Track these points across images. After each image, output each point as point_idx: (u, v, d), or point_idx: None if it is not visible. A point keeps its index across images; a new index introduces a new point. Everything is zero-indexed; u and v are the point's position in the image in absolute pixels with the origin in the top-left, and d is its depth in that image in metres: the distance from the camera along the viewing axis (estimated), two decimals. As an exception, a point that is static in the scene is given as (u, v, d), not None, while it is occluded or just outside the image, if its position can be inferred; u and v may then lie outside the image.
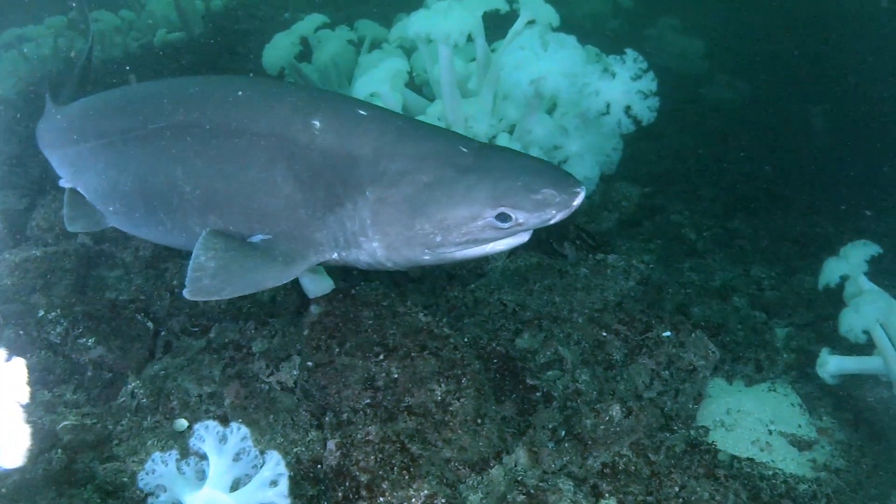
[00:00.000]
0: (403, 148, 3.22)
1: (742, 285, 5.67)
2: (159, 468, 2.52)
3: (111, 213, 4.04)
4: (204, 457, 2.57)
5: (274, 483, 2.55)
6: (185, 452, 2.60)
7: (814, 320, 5.28)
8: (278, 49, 6.02)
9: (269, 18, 8.70)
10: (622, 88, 4.05)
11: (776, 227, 6.88)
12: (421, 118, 4.69)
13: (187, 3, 8.70)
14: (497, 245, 3.25)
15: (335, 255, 3.40)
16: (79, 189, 4.24)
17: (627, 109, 4.10)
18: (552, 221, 3.15)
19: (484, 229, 3.14)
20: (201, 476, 2.56)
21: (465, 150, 3.23)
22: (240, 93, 3.50)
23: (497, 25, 5.04)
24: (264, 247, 3.37)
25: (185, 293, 3.20)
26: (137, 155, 3.70)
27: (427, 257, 3.27)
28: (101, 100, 4.18)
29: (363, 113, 3.36)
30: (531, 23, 4.60)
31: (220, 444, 2.55)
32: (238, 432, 2.56)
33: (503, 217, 3.09)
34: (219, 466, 2.54)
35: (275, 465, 2.56)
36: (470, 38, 4.63)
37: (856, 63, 10.54)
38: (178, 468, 2.54)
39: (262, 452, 2.61)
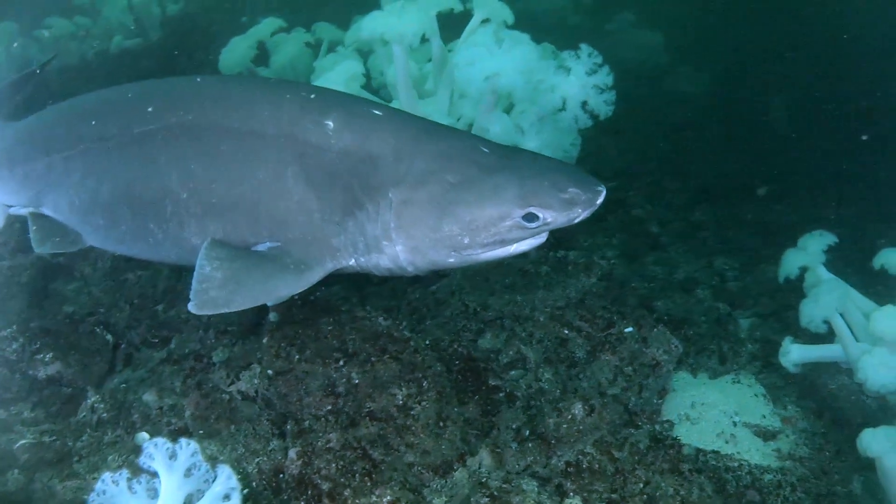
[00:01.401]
0: (425, 148, 3.14)
1: (705, 277, 5.71)
2: (110, 488, 2.47)
3: (90, 230, 3.75)
4: (155, 474, 2.53)
5: (227, 497, 2.51)
6: (136, 471, 2.55)
7: (777, 310, 5.31)
8: (235, 53, 5.96)
9: (226, 23, 8.61)
10: (578, 83, 4.05)
11: (739, 218, 6.94)
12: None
13: (143, 8, 8.60)
14: (520, 245, 3.20)
15: (352, 262, 3.29)
16: (45, 210, 3.89)
17: (584, 104, 4.10)
18: (577, 220, 3.12)
19: (511, 230, 3.08)
20: (153, 494, 2.51)
21: (486, 150, 3.17)
22: (239, 91, 3.37)
23: (456, 25, 5.02)
24: (274, 254, 3.23)
25: (191, 307, 3.04)
26: (122, 162, 3.46)
27: (452, 260, 3.18)
28: (73, 106, 3.90)
29: (378, 112, 3.26)
30: (486, 21, 4.59)
31: (170, 460, 2.51)
32: (188, 448, 2.52)
33: (530, 217, 3.04)
34: (170, 483, 2.50)
35: (226, 478, 2.52)
36: (426, 39, 4.62)
37: (816, 53, 10.65)
38: (130, 487, 2.49)
39: (213, 466, 2.57)
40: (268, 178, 3.20)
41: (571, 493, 3.13)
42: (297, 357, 3.59)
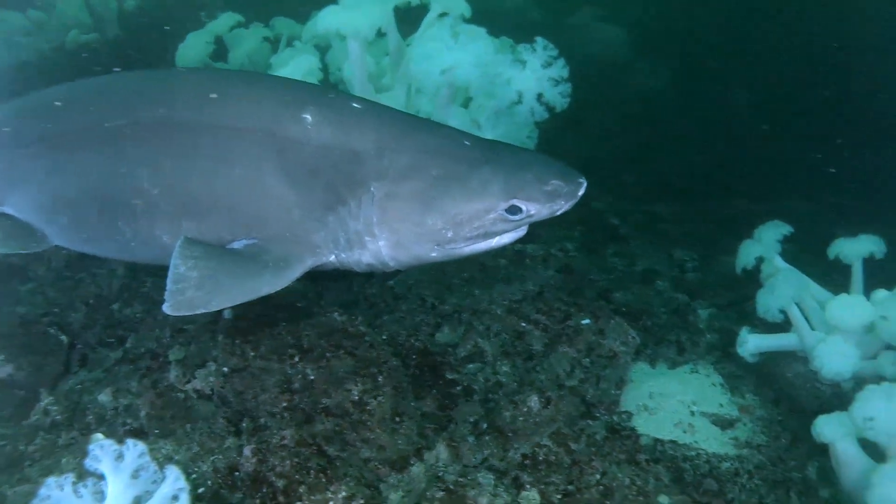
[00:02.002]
0: (407, 142, 3.11)
1: (665, 269, 5.74)
2: (54, 493, 2.41)
3: (56, 229, 3.59)
4: (102, 477, 2.48)
5: (175, 498, 2.47)
6: (82, 474, 2.51)
7: (735, 300, 5.35)
8: (192, 49, 5.90)
9: (185, 18, 8.50)
10: (533, 76, 4.06)
11: (699, 209, 7.00)
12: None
13: (100, 3, 8.46)
14: (502, 239, 3.21)
15: (333, 258, 3.24)
16: (7, 209, 3.68)
17: (539, 97, 4.11)
18: (559, 212, 3.14)
19: (495, 223, 3.08)
20: (100, 497, 2.46)
21: (468, 143, 3.16)
22: (214, 85, 3.27)
23: (414, 20, 5.00)
24: (252, 252, 3.15)
25: (166, 308, 2.94)
26: (90, 157, 3.32)
27: (435, 254, 3.17)
28: (37, 99, 3.67)
29: (357, 106, 3.22)
30: (443, 15, 4.58)
31: (116, 462, 2.47)
32: (135, 449, 2.48)
33: (514, 210, 3.05)
34: (117, 486, 2.45)
35: (174, 479, 2.48)
36: (383, 33, 4.60)
37: (779, 49, 10.75)
38: (75, 491, 2.44)
39: (162, 467, 2.54)
40: (245, 173, 3.13)
41: (528, 486, 3.13)
42: (252, 354, 3.56)
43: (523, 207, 3.05)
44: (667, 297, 5.34)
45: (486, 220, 3.06)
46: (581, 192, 3.14)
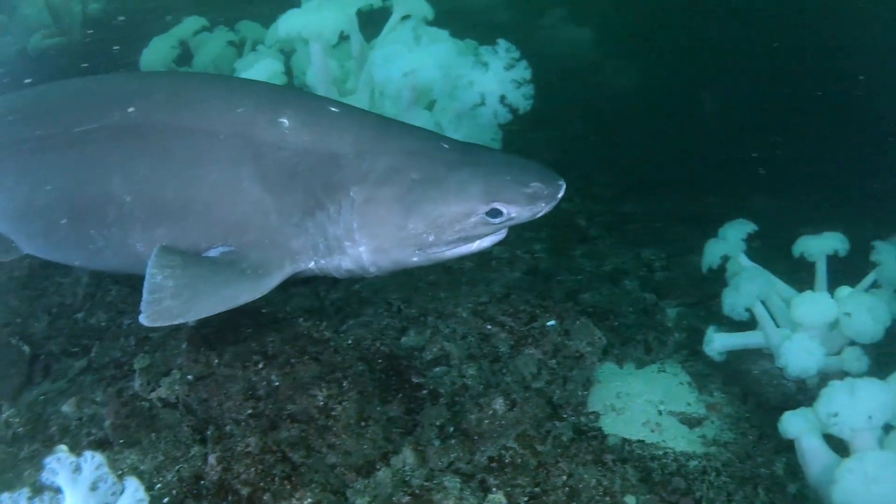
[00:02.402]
0: (386, 145, 3.08)
1: (633, 268, 5.77)
2: (9, 509, 2.38)
3: (25, 237, 3.51)
4: (59, 490, 2.45)
5: (134, 508, 2.46)
6: (38, 489, 2.47)
7: (703, 299, 5.38)
8: (156, 53, 5.86)
9: (151, 22, 8.43)
10: (496, 78, 4.06)
11: (667, 208, 7.03)
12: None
13: (63, 6, 8.35)
14: (483, 242, 3.19)
15: (312, 264, 3.19)
16: None
17: (502, 99, 4.12)
18: (539, 215, 3.12)
19: (476, 226, 3.06)
20: (58, 510, 2.44)
21: (447, 146, 3.14)
22: (188, 89, 3.24)
23: (380, 22, 4.99)
24: (229, 260, 3.09)
25: (143, 319, 2.89)
26: (60, 164, 3.24)
27: (416, 259, 3.14)
28: (4, 104, 3.59)
29: (335, 109, 3.19)
30: (406, 18, 4.58)
31: (74, 475, 2.43)
32: (92, 461, 2.45)
33: (494, 213, 3.03)
34: (74, 499, 2.42)
35: (134, 490, 2.46)
36: (346, 36, 4.59)
37: (746, 45, 10.84)
38: (31, 507, 2.41)
39: (122, 478, 2.51)
40: (221, 179, 3.07)
41: (494, 489, 3.12)
42: (216, 361, 3.54)
43: (504, 210, 3.03)
44: (635, 296, 5.36)
45: (466, 224, 3.05)
46: (560, 194, 3.12)
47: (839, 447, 3.47)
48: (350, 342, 3.77)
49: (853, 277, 4.54)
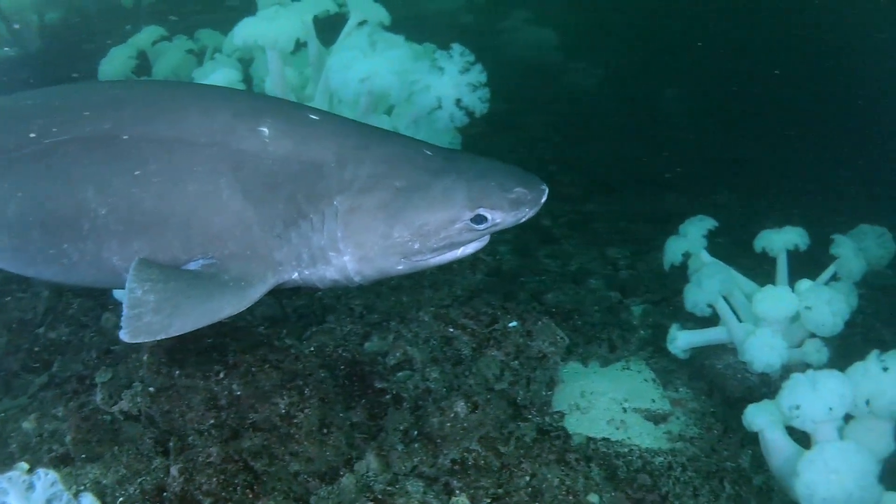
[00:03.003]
0: (369, 153, 3.03)
1: (598, 267, 5.81)
2: (-41, 530, 2.36)
3: None
4: (13, 509, 2.43)
5: (90, 524, 2.44)
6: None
7: (668, 295, 5.42)
8: (114, 64, 5.78)
9: (110, 31, 8.34)
10: (451, 82, 4.07)
11: (632, 207, 7.08)
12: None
13: (19, 16, 8.24)
14: (467, 249, 3.16)
15: (295, 275, 3.11)
16: None
17: (458, 102, 4.13)
18: (523, 220, 3.11)
19: (461, 232, 3.03)
20: (12, 530, 2.41)
21: (429, 153, 3.11)
22: (163, 98, 3.14)
23: (339, 28, 4.98)
24: (211, 272, 3.00)
25: (123, 335, 2.78)
26: (30, 176, 3.12)
27: (401, 267, 3.10)
28: None
29: (315, 117, 3.13)
30: (363, 23, 4.57)
31: (27, 493, 2.41)
32: (46, 478, 2.44)
33: (479, 219, 3.00)
34: (29, 517, 2.41)
35: (89, 505, 2.45)
36: (304, 43, 4.58)
37: (709, 45, 10.95)
38: (-17, 526, 2.39)
39: (77, 495, 2.49)
40: (200, 190, 2.99)
41: (458, 491, 3.13)
42: (177, 372, 3.52)
43: (489, 216, 3.01)
44: (600, 295, 5.40)
45: (452, 231, 3.02)
46: (544, 199, 3.13)
47: (803, 438, 3.48)
48: (312, 349, 3.76)
49: (817, 269, 4.59)
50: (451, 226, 3.02)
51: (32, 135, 3.12)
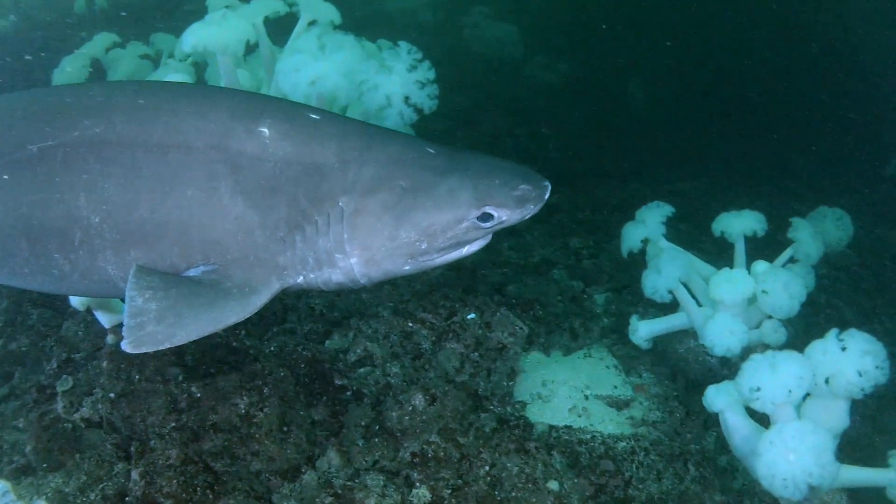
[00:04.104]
0: (371, 153, 2.98)
1: (561, 258, 5.85)
2: None
3: None
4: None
5: (42, 532, 2.44)
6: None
7: (630, 283, 5.45)
8: (67, 73, 5.72)
9: (65, 38, 8.26)
10: (399, 81, 4.06)
11: (595, 198, 7.13)
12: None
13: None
14: (472, 247, 3.14)
15: (300, 279, 3.04)
16: None
17: (406, 100, 4.14)
18: (528, 217, 3.10)
19: (468, 231, 3.01)
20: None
21: (432, 151, 3.07)
22: (155, 100, 3.00)
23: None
24: (213, 279, 2.91)
25: (126, 346, 2.67)
26: (15, 184, 2.94)
27: (408, 268, 3.07)
28: None
29: (315, 117, 3.07)
30: (313, 23, 4.56)
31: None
32: (-5, 488, 2.42)
33: (486, 217, 2.98)
34: (-22, 526, 2.40)
35: (41, 513, 2.45)
36: (255, 45, 4.56)
37: (669, 37, 11.05)
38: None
39: (29, 503, 2.49)
40: (199, 195, 2.88)
41: (418, 483, 3.16)
42: (137, 377, 3.52)
43: (495, 214, 3.00)
44: (563, 285, 5.44)
45: (459, 230, 3.00)
46: (547, 195, 3.11)
47: (763, 416, 3.52)
48: (273, 349, 3.77)
49: (779, 252, 4.66)
50: (458, 225, 2.99)
51: (17, 140, 2.98)
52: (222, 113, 2.95)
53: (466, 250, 3.15)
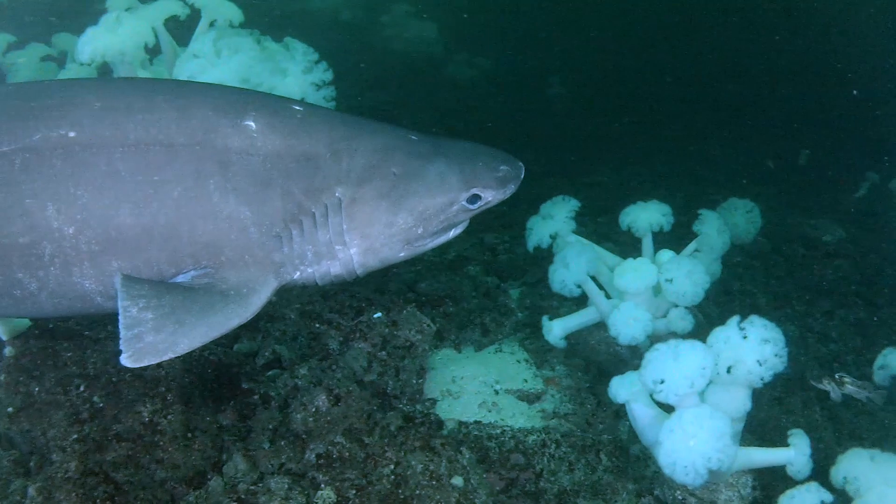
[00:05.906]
0: (360, 142, 2.97)
1: (476, 254, 5.90)
2: None
3: None
4: None
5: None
6: None
7: (544, 277, 5.49)
8: (-45, 80, 5.55)
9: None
10: (295, 83, 4.04)
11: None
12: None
13: None
14: (457, 230, 3.27)
15: (297, 275, 3.01)
16: None
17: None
18: (507, 196, 3.23)
19: (458, 213, 3.13)
20: None
21: (415, 138, 3.12)
22: (130, 97, 2.81)
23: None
24: (207, 283, 2.80)
25: (125, 360, 2.51)
26: None
27: (403, 254, 3.11)
28: None
29: (299, 108, 3.03)
30: (214, 23, 4.51)
31: None
32: None
33: (473, 199, 3.10)
34: None
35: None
36: (157, 47, 4.50)
37: (592, 30, 11.20)
38: None
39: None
40: (185, 195, 2.74)
41: (323, 485, 3.16)
42: (37, 389, 3.44)
43: (482, 195, 3.13)
44: (478, 281, 5.49)
45: (450, 213, 3.10)
46: (522, 175, 3.24)
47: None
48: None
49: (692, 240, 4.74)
50: (450, 208, 3.09)
51: None
52: (204, 108, 2.84)
53: (453, 233, 3.29)
